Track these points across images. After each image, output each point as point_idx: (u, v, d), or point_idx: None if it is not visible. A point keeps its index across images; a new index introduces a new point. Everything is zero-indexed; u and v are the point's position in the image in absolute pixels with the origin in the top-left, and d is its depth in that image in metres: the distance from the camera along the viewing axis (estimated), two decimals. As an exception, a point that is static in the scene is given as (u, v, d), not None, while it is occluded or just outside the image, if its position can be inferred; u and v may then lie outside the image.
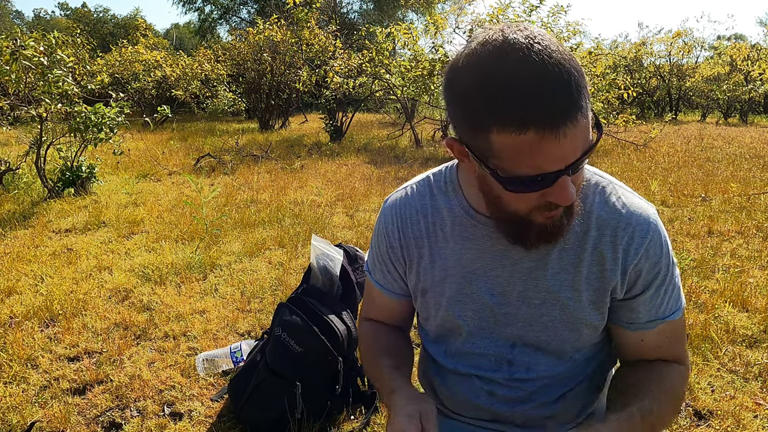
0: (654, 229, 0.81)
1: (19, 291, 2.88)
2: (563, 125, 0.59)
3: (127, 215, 4.40)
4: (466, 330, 0.91)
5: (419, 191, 0.92)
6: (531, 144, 0.60)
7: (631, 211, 0.81)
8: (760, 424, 1.76)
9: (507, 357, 0.90)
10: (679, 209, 4.52)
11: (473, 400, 0.94)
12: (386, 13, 24.36)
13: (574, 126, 0.60)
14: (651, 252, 0.80)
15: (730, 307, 2.61)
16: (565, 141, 0.60)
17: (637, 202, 0.83)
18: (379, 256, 0.97)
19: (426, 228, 0.90)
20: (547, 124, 0.59)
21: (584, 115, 0.61)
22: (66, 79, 4.72)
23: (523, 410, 0.92)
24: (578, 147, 0.63)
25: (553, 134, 0.59)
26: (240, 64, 12.12)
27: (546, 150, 0.61)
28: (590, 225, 0.81)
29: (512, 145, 0.62)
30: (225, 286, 2.98)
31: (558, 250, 0.82)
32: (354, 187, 5.51)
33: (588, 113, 0.63)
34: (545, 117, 0.59)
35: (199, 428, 1.80)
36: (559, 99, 0.59)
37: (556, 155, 0.62)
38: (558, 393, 0.91)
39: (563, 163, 0.63)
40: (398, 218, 0.92)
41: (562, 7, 7.61)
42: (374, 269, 1.00)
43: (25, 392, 1.99)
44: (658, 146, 8.41)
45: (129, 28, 25.75)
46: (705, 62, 17.04)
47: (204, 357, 2.14)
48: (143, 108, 12.55)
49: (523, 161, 0.63)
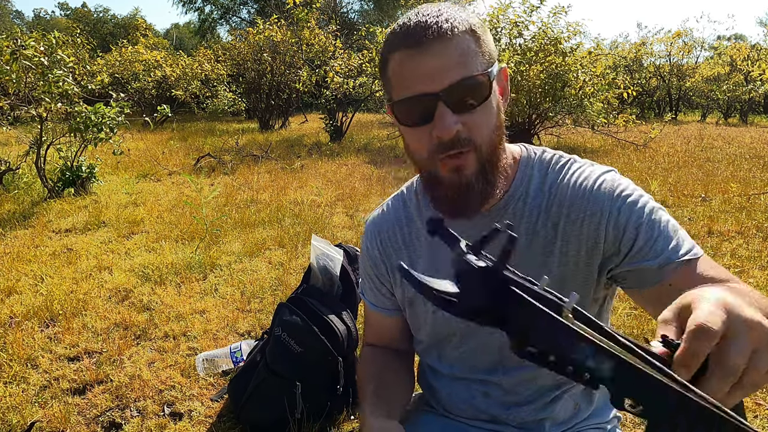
0: (612, 187, 0.79)
1: (19, 291, 2.88)
2: (425, 41, 0.69)
3: (127, 215, 4.40)
4: (459, 334, 0.91)
5: (394, 205, 0.96)
6: (402, 61, 0.71)
7: (587, 177, 0.81)
8: (760, 424, 1.76)
9: (498, 358, 0.90)
10: (679, 209, 4.52)
11: (470, 402, 0.95)
12: (386, 13, 24.38)
13: (439, 42, 0.69)
14: (616, 207, 0.77)
15: (730, 307, 2.61)
16: (429, 58, 0.69)
17: (594, 168, 0.83)
18: (368, 276, 0.99)
19: (403, 239, 0.92)
20: (412, 39, 0.70)
21: (459, 44, 0.70)
22: (66, 79, 4.72)
23: (518, 412, 0.92)
24: (448, 70, 0.69)
25: (415, 49, 0.70)
26: (240, 64, 12.13)
27: (412, 66, 0.70)
28: (552, 203, 0.82)
29: (393, 68, 0.73)
30: (225, 286, 2.98)
31: (527, 235, 0.82)
32: (354, 187, 5.51)
33: (471, 51, 0.71)
34: (412, 35, 0.71)
35: (199, 428, 1.80)
36: (427, 25, 0.70)
37: (421, 71, 0.70)
38: (553, 394, 0.91)
39: (431, 83, 0.70)
40: (377, 235, 0.95)
41: (562, 7, 7.61)
42: (366, 290, 1.01)
43: (25, 392, 1.99)
44: (658, 146, 8.41)
45: (129, 28, 25.74)
46: (705, 62, 17.06)
47: (204, 357, 2.14)
48: (143, 108, 12.55)
49: (401, 82, 0.72)
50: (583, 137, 9.63)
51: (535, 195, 0.83)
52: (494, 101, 0.75)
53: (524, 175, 0.84)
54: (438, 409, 1.03)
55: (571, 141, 9.31)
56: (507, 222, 0.44)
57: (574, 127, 9.32)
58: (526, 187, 0.83)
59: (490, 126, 0.74)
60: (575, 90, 7.59)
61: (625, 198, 0.78)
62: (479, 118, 0.73)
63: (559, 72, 7.48)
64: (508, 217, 0.83)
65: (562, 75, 7.48)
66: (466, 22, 0.72)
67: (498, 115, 0.76)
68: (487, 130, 0.74)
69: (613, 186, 0.79)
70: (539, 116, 8.21)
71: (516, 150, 0.88)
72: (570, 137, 9.74)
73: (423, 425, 1.00)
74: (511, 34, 7.80)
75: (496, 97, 0.75)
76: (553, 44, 7.57)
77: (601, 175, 0.81)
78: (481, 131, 0.73)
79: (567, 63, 7.54)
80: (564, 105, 7.90)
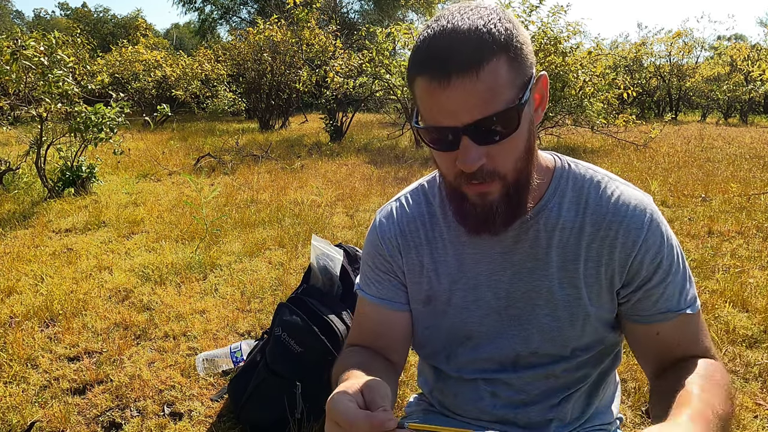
0: (650, 219, 0.80)
1: (19, 291, 2.88)
2: (451, 75, 0.64)
3: (127, 215, 4.40)
4: (476, 336, 0.90)
5: (414, 200, 0.92)
6: (427, 88, 0.66)
7: (626, 203, 0.80)
8: (760, 425, 1.76)
9: (512, 359, 0.89)
10: (679, 209, 4.52)
11: (476, 403, 0.94)
12: (386, 13, 24.38)
13: (464, 80, 0.63)
14: (650, 242, 0.79)
15: (730, 307, 2.61)
16: (453, 92, 0.64)
17: (633, 193, 0.82)
18: (378, 267, 0.92)
19: (426, 236, 0.89)
20: (437, 68, 0.65)
21: (486, 79, 0.64)
22: (66, 79, 4.72)
23: (526, 412, 0.91)
24: (473, 107, 0.65)
25: (439, 80, 0.64)
26: (240, 64, 12.13)
27: (436, 97, 0.66)
28: (585, 221, 0.81)
29: (418, 93, 0.69)
30: (225, 286, 2.98)
31: (556, 248, 0.82)
32: (354, 187, 5.51)
33: (501, 83, 0.65)
34: (438, 62, 0.65)
35: (199, 428, 1.80)
36: (455, 51, 0.64)
37: (445, 106, 0.66)
38: (562, 395, 0.91)
39: (455, 119, 0.66)
40: (397, 227, 0.90)
41: (562, 7, 7.61)
42: (369, 284, 0.93)
43: (25, 392, 1.99)
44: (658, 146, 8.41)
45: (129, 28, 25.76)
46: (705, 62, 17.06)
47: (204, 357, 2.14)
48: (143, 108, 12.55)
49: (426, 110, 0.69)
50: (583, 137, 9.63)
51: (569, 209, 0.82)
52: (525, 126, 0.70)
53: (557, 186, 0.83)
54: (440, 410, 1.02)
55: (571, 141, 9.31)
56: None
57: (574, 127, 9.32)
58: (560, 200, 0.82)
59: (517, 154, 0.71)
60: (575, 90, 7.59)
61: (658, 234, 0.80)
62: (506, 149, 0.70)
63: (559, 72, 7.48)
64: (539, 228, 0.82)
65: (562, 75, 7.48)
66: (502, 38, 0.65)
67: (529, 139, 0.72)
68: (513, 159, 0.71)
69: (651, 219, 0.80)
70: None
71: (548, 159, 0.85)
72: (570, 137, 9.74)
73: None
74: (511, 34, 7.78)
75: (528, 119, 0.71)
76: (552, 44, 7.57)
77: (641, 203, 0.81)
78: (506, 162, 0.71)
79: (567, 63, 7.54)
80: (564, 105, 7.90)
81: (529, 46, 0.71)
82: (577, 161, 0.87)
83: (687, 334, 0.81)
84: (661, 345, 0.81)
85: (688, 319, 0.80)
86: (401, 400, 1.91)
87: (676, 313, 0.79)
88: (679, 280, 0.80)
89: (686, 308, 0.79)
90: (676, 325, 0.80)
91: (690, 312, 0.80)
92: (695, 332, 0.81)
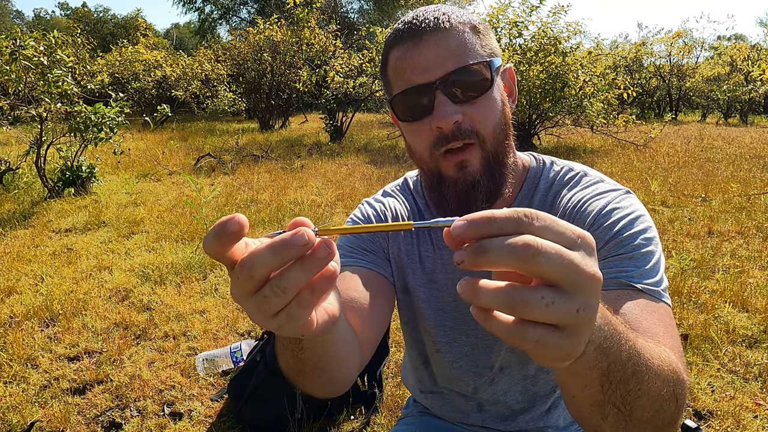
0: (614, 198, 0.73)
1: (19, 291, 2.88)
2: (423, 33, 0.70)
3: (127, 215, 4.40)
4: (444, 350, 0.89)
5: (402, 192, 0.91)
6: (400, 56, 0.71)
7: (594, 192, 0.76)
8: (760, 425, 1.76)
9: (490, 374, 0.88)
10: (679, 209, 4.52)
11: (465, 415, 0.94)
12: (386, 13, 24.38)
13: (435, 35, 0.69)
14: (606, 211, 0.72)
15: (730, 307, 2.61)
16: (425, 48, 0.69)
17: (605, 186, 0.77)
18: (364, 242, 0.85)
19: (415, 230, 0.87)
20: (408, 35, 0.71)
21: (456, 35, 0.70)
22: (66, 78, 4.72)
23: (516, 423, 0.91)
24: (445, 60, 0.69)
25: (412, 40, 0.70)
26: (240, 64, 12.13)
27: (410, 58, 0.70)
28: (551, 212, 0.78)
29: (392, 65, 0.74)
30: (225, 285, 2.98)
31: None
32: (354, 187, 5.51)
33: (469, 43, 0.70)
34: (411, 27, 0.71)
35: (199, 428, 1.80)
36: (426, 20, 0.71)
37: (419, 64, 0.70)
38: (549, 401, 0.90)
39: (429, 74, 0.69)
40: (389, 210, 0.88)
41: (562, 7, 7.61)
42: (353, 252, 0.83)
43: (25, 392, 1.99)
44: (658, 146, 8.41)
45: (129, 28, 25.75)
46: (705, 62, 17.07)
47: (204, 357, 2.14)
48: (143, 108, 12.54)
49: (399, 76, 0.72)
50: (583, 137, 9.63)
51: (538, 208, 0.76)
52: (497, 95, 0.72)
53: (531, 185, 0.82)
54: (428, 410, 1.03)
55: (571, 141, 9.31)
56: None
57: (574, 127, 9.32)
58: (529, 200, 0.81)
59: (494, 119, 0.71)
60: (575, 90, 7.59)
61: (621, 210, 0.72)
62: (481, 109, 0.70)
63: (559, 72, 7.48)
64: None
65: (562, 75, 7.48)
66: (466, 17, 0.73)
67: (503, 110, 0.73)
68: (491, 123, 0.71)
69: (615, 198, 0.74)
70: (539, 116, 8.21)
71: (525, 159, 0.85)
72: (570, 137, 9.74)
73: (422, 427, 1.00)
74: (511, 34, 7.79)
75: (500, 91, 0.73)
76: (552, 44, 7.57)
77: (610, 190, 0.76)
78: (484, 123, 0.70)
79: (567, 63, 7.54)
80: (564, 105, 7.90)
81: (494, 40, 0.76)
82: (557, 160, 0.84)
83: (652, 320, 0.65)
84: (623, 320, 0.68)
85: (652, 306, 0.66)
86: (401, 400, 1.91)
87: (628, 285, 0.67)
88: (642, 261, 0.69)
89: (645, 288, 0.67)
90: (640, 305, 0.66)
91: (651, 297, 0.67)
92: (661, 322, 0.65)
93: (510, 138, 0.75)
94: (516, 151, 0.81)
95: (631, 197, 0.75)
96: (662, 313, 0.66)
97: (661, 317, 0.65)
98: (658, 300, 0.67)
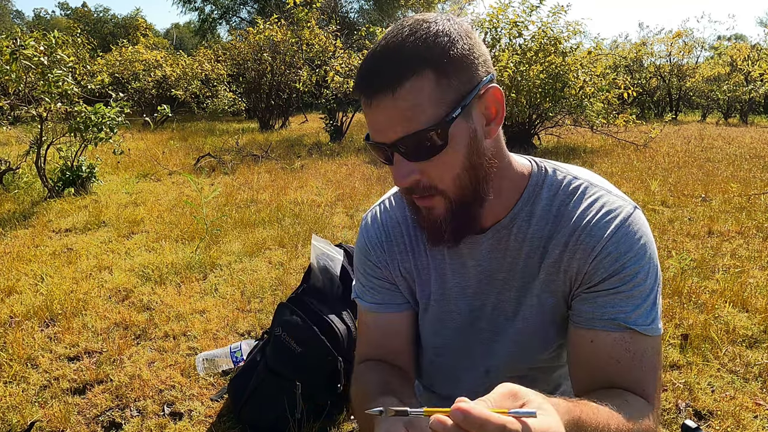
0: (619, 227, 0.73)
1: (19, 291, 2.88)
2: (372, 95, 0.67)
3: (127, 215, 4.40)
4: (445, 349, 0.90)
5: (398, 203, 0.90)
6: (363, 106, 0.70)
7: (599, 211, 0.75)
8: (760, 425, 1.76)
9: (488, 378, 0.89)
10: (679, 209, 4.52)
11: None
12: (386, 12, 24.38)
13: (383, 99, 0.66)
14: (611, 249, 0.73)
15: (730, 307, 2.61)
16: (376, 111, 0.68)
17: (610, 200, 0.76)
18: (370, 274, 0.91)
19: (409, 242, 0.88)
20: (364, 88, 0.68)
21: (406, 97, 0.65)
22: (66, 78, 4.72)
23: None
24: (396, 124, 0.67)
25: (366, 100, 0.68)
26: (240, 64, 12.12)
27: (368, 115, 0.70)
28: (555, 230, 0.78)
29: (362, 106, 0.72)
30: (225, 286, 2.98)
31: (526, 259, 0.80)
32: (354, 187, 5.51)
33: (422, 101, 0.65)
34: (364, 82, 0.68)
35: (199, 428, 1.80)
36: (376, 72, 0.67)
37: (374, 124, 0.69)
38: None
39: (384, 136, 0.69)
40: (382, 231, 0.89)
41: (562, 7, 7.60)
42: (365, 291, 0.92)
43: (25, 392, 1.99)
44: (658, 146, 8.41)
45: (129, 28, 25.72)
46: (705, 62, 17.06)
47: (204, 357, 2.14)
48: (143, 108, 12.54)
49: (367, 124, 0.72)
50: (583, 137, 9.63)
51: (541, 217, 0.78)
52: (463, 142, 0.68)
53: (532, 193, 0.79)
54: None
55: (571, 141, 9.31)
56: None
57: (574, 127, 9.32)
58: (532, 208, 0.79)
59: (455, 171, 0.70)
60: (575, 90, 7.59)
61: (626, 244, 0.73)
62: (440, 166, 0.69)
63: (559, 72, 7.48)
64: (510, 238, 0.80)
65: (562, 75, 7.48)
66: (430, 54, 0.65)
67: (472, 153, 0.70)
68: (450, 177, 0.70)
69: (621, 227, 0.74)
70: (539, 116, 8.21)
71: (525, 165, 0.81)
72: (570, 137, 9.74)
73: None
74: (511, 34, 7.79)
75: (466, 134, 0.69)
76: (552, 44, 7.57)
77: (615, 210, 0.75)
78: (443, 178, 0.70)
79: (567, 63, 7.54)
80: (564, 105, 7.90)
81: (479, 58, 0.68)
82: (559, 166, 0.82)
83: (630, 357, 0.72)
84: (596, 359, 0.74)
85: (639, 341, 0.72)
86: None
87: (621, 326, 0.72)
88: (638, 297, 0.73)
89: (636, 325, 0.72)
90: (619, 341, 0.72)
91: (641, 332, 0.72)
92: (640, 359, 0.72)
93: (483, 177, 0.72)
94: (513, 157, 0.80)
95: (639, 217, 0.76)
96: (645, 348, 0.73)
97: (642, 354, 0.73)
98: (651, 335, 0.73)
